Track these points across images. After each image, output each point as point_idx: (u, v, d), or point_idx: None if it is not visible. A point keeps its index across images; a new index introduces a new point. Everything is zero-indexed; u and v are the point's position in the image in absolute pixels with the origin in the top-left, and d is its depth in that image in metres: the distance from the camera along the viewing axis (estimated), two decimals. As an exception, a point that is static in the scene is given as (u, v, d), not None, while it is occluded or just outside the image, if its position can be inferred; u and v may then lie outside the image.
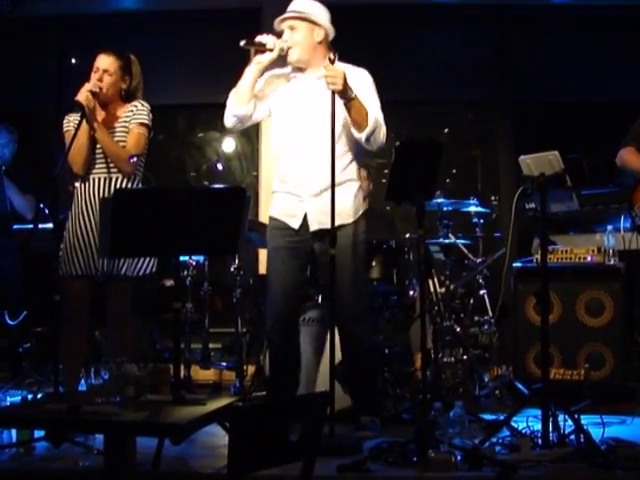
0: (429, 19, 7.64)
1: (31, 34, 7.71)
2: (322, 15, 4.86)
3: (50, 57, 7.73)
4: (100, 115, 4.86)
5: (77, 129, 4.62)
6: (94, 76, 4.82)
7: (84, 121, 4.66)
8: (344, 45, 4.93)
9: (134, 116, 4.88)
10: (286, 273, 4.83)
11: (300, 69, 4.91)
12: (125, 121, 4.88)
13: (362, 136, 4.74)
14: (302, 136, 4.81)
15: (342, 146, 4.81)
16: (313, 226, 4.80)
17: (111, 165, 4.82)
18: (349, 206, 4.82)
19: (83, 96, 4.66)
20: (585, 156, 4.80)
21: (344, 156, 4.83)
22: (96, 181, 4.82)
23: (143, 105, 4.93)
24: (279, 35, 4.81)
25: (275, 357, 4.97)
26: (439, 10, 7.65)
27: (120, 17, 7.61)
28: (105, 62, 4.87)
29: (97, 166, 4.83)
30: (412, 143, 4.19)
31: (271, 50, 4.71)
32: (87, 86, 4.71)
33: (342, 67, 4.79)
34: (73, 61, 7.73)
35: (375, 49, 7.55)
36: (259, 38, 4.74)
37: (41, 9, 7.46)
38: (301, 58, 4.84)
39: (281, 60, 4.87)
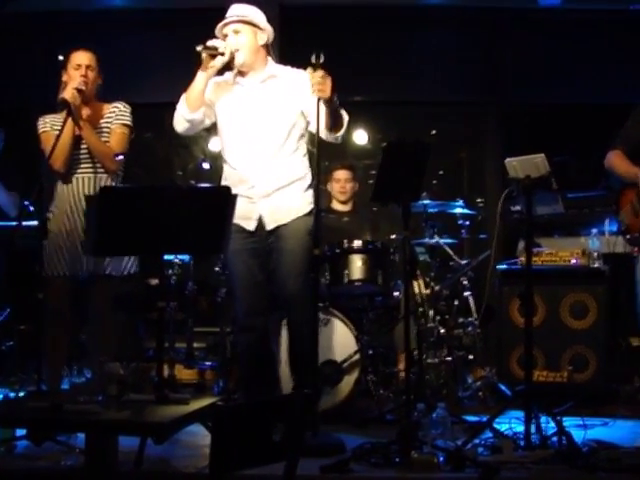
0: (419, 21, 7.64)
1: (19, 31, 7.68)
2: (262, 19, 4.90)
3: (38, 54, 7.69)
4: (86, 112, 4.87)
5: (63, 127, 4.62)
6: (76, 74, 4.83)
7: (69, 119, 4.66)
8: (334, 45, 4.94)
9: (116, 117, 4.92)
10: (248, 273, 4.82)
11: (242, 73, 4.90)
12: (107, 121, 4.92)
13: (337, 137, 4.78)
14: (250, 140, 4.80)
15: (291, 145, 4.83)
16: (270, 225, 4.80)
17: (97, 165, 4.83)
18: (299, 202, 4.81)
19: (69, 93, 4.66)
20: (572, 159, 4.82)
21: (293, 155, 4.85)
22: (80, 180, 4.83)
23: (125, 106, 4.98)
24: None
25: (246, 358, 4.96)
26: (429, 12, 7.65)
27: (109, 14, 7.58)
28: (86, 58, 4.90)
29: (82, 165, 4.84)
30: (399, 144, 4.19)
31: (222, 54, 4.70)
32: (73, 84, 4.71)
33: (284, 69, 4.90)
34: (60, 58, 7.70)
35: (365, 50, 7.55)
36: (211, 42, 4.73)
37: (29, 6, 7.44)
38: (246, 61, 4.82)
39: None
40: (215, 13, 7.53)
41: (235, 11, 4.88)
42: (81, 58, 4.89)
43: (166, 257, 5.83)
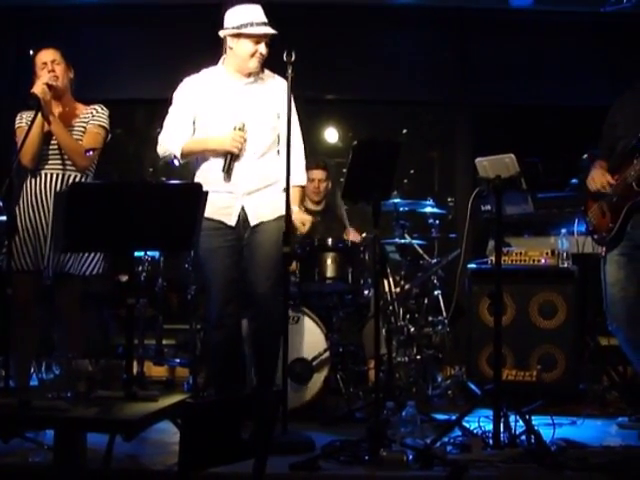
0: (390, 21, 7.64)
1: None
2: None
3: (8, 48, 7.64)
4: (58, 109, 4.85)
5: (32, 122, 4.59)
6: (44, 71, 4.82)
7: (39, 114, 4.64)
8: (306, 44, 4.94)
9: (93, 118, 4.94)
10: (225, 271, 4.82)
11: (228, 74, 4.94)
12: (84, 121, 4.92)
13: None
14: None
15: (275, 146, 4.91)
16: (253, 221, 4.83)
17: (67, 162, 4.81)
18: (281, 202, 4.80)
19: (39, 88, 4.65)
20: (542, 159, 4.85)
21: (277, 156, 4.91)
22: (48, 176, 4.82)
23: (103, 109, 5.00)
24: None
25: (218, 355, 4.95)
26: (400, 12, 7.66)
27: (80, 10, 7.53)
28: (49, 54, 4.90)
29: (50, 161, 4.82)
30: (370, 143, 4.20)
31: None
32: (43, 79, 4.69)
33: (265, 73, 4.94)
34: (31, 52, 7.64)
35: (336, 49, 7.55)
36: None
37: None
38: (258, 68, 4.89)
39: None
40: (183, 10, 7.57)
41: (262, 17, 4.87)
42: (45, 56, 4.90)
43: (136, 254, 5.81)
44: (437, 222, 6.47)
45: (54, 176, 4.82)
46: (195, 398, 4.96)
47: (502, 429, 4.33)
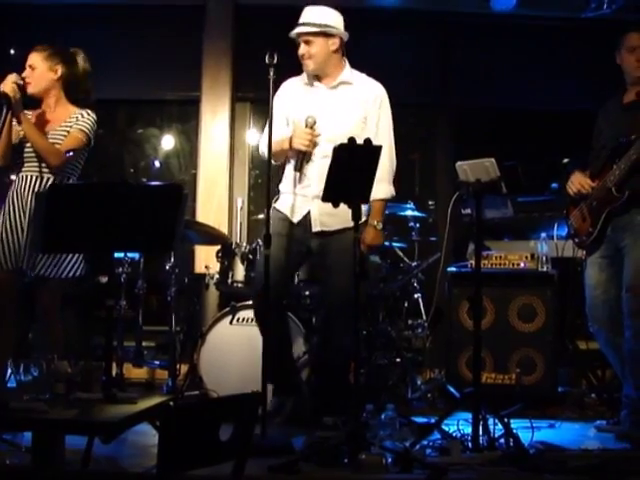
0: (373, 23, 7.64)
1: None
2: (335, 22, 4.98)
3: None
4: (43, 109, 4.89)
5: (3, 121, 4.58)
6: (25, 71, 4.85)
7: (9, 113, 4.63)
8: (288, 46, 4.95)
9: (77, 122, 4.90)
10: (282, 258, 4.88)
11: (317, 77, 5.02)
12: (68, 125, 4.90)
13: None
14: (320, 144, 4.86)
15: None
16: (316, 227, 4.90)
17: (43, 164, 4.80)
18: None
19: (9, 87, 4.63)
20: (522, 163, 4.86)
21: None
22: (27, 178, 4.82)
23: (89, 115, 4.95)
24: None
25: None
26: (382, 14, 7.66)
27: (62, 9, 7.49)
28: (30, 57, 4.91)
29: (28, 163, 4.83)
30: (350, 145, 4.20)
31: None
32: (11, 77, 4.67)
33: (357, 78, 5.04)
34: (12, 52, 7.61)
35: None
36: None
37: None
38: (317, 69, 4.97)
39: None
40: (166, 10, 7.56)
41: (308, 17, 4.92)
42: (28, 58, 4.91)
43: (116, 255, 5.79)
44: (417, 225, 6.47)
45: (33, 178, 4.81)
46: (175, 400, 4.96)
47: (481, 432, 4.34)
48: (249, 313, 5.43)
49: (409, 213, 6.41)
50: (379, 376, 5.80)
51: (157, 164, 8.01)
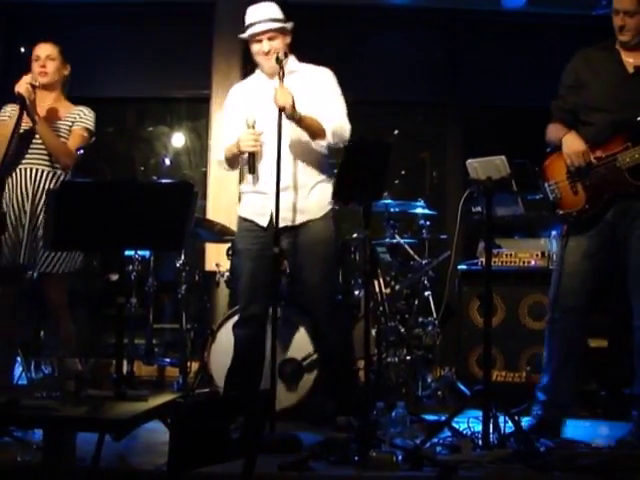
0: (381, 21, 7.65)
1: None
2: (282, 15, 4.94)
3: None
4: (46, 103, 4.91)
5: (17, 121, 4.60)
6: (36, 65, 4.86)
7: (23, 113, 4.66)
8: (296, 44, 4.95)
9: (80, 119, 4.96)
10: (256, 271, 4.85)
11: (261, 77, 5.00)
12: (70, 121, 4.94)
13: (322, 145, 4.85)
14: (269, 138, 4.80)
15: (313, 148, 4.88)
16: (279, 223, 4.81)
17: (40, 157, 4.82)
18: (315, 203, 4.84)
19: (23, 88, 4.66)
20: (532, 161, 4.83)
21: (315, 158, 4.91)
22: (23, 172, 4.82)
23: (90, 112, 5.02)
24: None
25: (238, 352, 4.97)
26: (391, 12, 7.66)
27: (71, 7, 7.51)
28: (45, 49, 4.94)
29: (29, 157, 4.83)
30: (361, 143, 4.19)
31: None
32: (27, 78, 4.70)
33: (304, 67, 4.94)
34: (22, 50, 7.63)
35: (326, 49, 7.53)
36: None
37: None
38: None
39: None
40: (175, 8, 7.57)
41: (265, 14, 4.88)
42: (40, 49, 4.94)
43: (126, 253, 5.80)
44: (428, 223, 6.46)
45: (30, 171, 4.83)
46: (185, 398, 4.97)
47: (491, 430, 4.33)
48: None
49: (419, 211, 6.40)
50: (389, 374, 5.79)
51: (167, 162, 8.01)
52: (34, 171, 4.83)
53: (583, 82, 4.84)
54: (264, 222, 4.86)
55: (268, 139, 4.78)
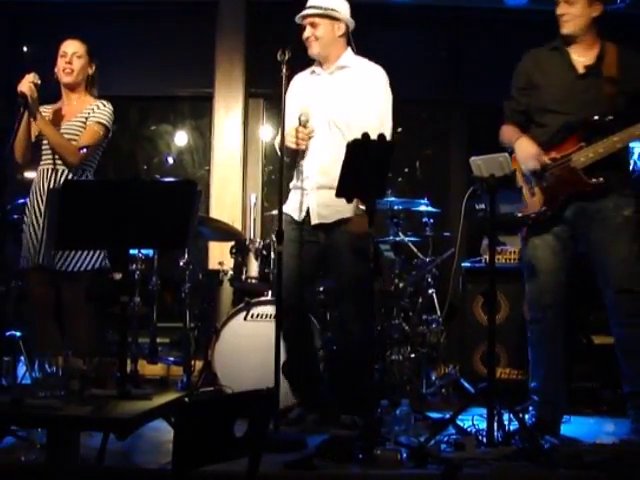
0: (385, 19, 7.64)
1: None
2: (341, 7, 4.95)
3: (1, 44, 7.63)
4: (70, 102, 4.95)
5: (20, 119, 4.61)
6: (61, 60, 4.87)
7: (26, 112, 4.67)
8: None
9: (94, 114, 4.92)
10: (293, 266, 4.86)
11: (320, 64, 5.01)
12: (84, 116, 4.92)
13: None
14: (316, 131, 4.84)
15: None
16: (314, 220, 4.87)
17: (57, 157, 4.82)
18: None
19: (26, 87, 4.65)
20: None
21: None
22: (43, 172, 4.84)
23: (105, 106, 4.98)
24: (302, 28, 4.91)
25: (288, 345, 4.97)
26: (395, 10, 7.65)
27: (75, 6, 7.51)
28: (73, 46, 4.95)
29: (45, 158, 4.85)
30: (364, 141, 4.19)
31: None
32: (29, 77, 4.69)
33: (357, 62, 4.98)
34: (25, 49, 7.63)
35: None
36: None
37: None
38: (321, 53, 4.94)
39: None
40: (179, 6, 7.57)
41: (314, 1, 4.90)
42: (67, 46, 4.95)
43: (130, 251, 5.80)
44: (431, 220, 6.46)
45: (49, 171, 4.84)
46: (190, 396, 4.97)
47: (496, 427, 4.33)
48: (263, 309, 5.43)
49: (423, 208, 6.39)
50: (394, 372, 5.79)
51: (170, 161, 8.02)
52: (50, 171, 4.83)
53: (534, 84, 4.87)
54: (299, 216, 4.91)
55: (316, 132, 4.84)
